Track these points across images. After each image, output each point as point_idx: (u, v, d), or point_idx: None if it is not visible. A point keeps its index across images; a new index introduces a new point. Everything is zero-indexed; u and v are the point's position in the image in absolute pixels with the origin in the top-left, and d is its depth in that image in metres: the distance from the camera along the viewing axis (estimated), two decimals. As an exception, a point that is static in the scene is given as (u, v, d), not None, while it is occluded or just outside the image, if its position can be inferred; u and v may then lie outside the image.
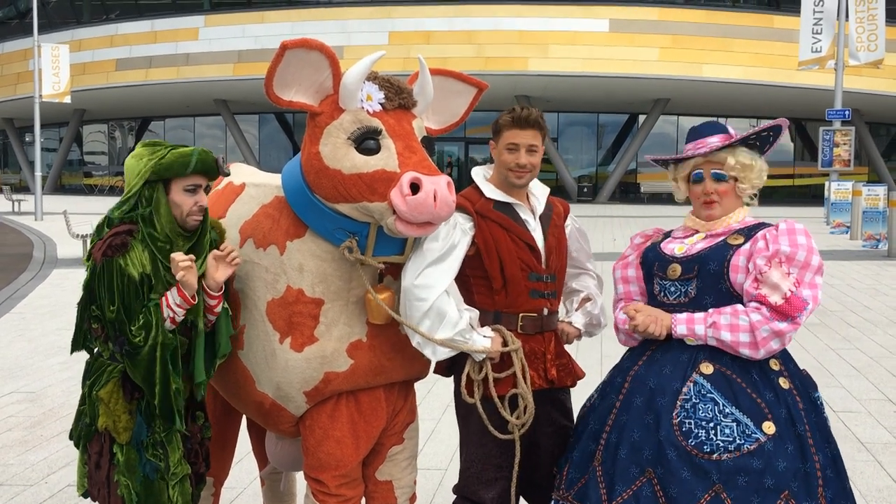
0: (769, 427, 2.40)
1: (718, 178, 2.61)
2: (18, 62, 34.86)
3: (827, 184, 20.67)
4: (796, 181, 35.26)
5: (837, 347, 7.27)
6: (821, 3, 20.75)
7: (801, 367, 2.64)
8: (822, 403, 2.60)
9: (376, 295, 2.62)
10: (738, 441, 2.39)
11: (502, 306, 2.74)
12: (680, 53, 27.27)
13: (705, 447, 2.39)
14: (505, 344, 2.70)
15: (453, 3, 28.61)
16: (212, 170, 2.61)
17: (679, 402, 2.46)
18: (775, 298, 2.42)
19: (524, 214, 2.82)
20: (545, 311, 2.80)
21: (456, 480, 2.89)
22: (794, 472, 2.37)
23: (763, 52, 27.03)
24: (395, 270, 2.73)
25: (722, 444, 2.39)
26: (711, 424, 2.41)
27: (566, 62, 27.47)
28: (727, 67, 27.12)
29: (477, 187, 2.84)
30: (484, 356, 2.67)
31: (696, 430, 2.42)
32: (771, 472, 2.36)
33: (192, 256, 2.53)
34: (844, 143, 20.38)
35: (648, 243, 2.78)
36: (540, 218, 2.87)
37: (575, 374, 2.91)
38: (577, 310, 2.99)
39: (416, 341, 2.66)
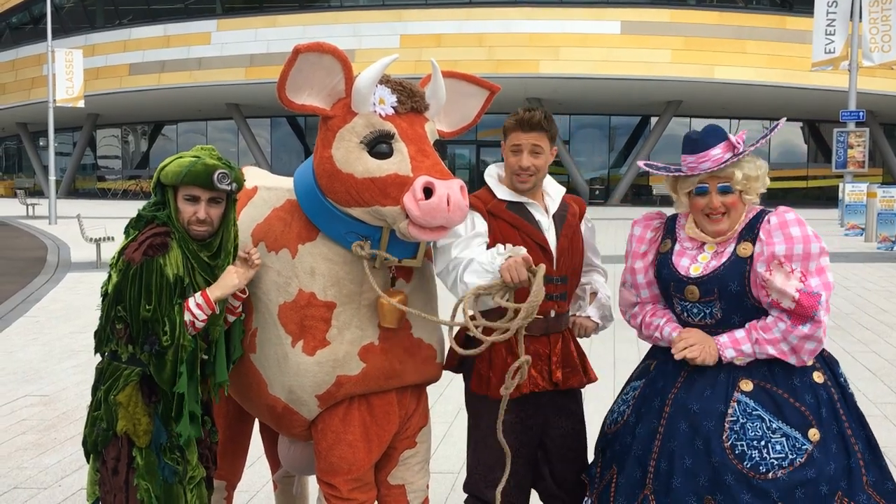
0: (814, 434, 2.41)
1: (725, 191, 2.52)
2: (32, 67, 35.13)
3: (841, 185, 20.57)
4: (810, 183, 35.06)
5: (853, 350, 7.21)
6: (834, 4, 20.63)
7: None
8: (846, 380, 2.59)
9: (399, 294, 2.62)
10: (790, 456, 2.39)
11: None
12: (692, 55, 27.15)
13: (761, 467, 2.38)
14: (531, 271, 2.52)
15: (464, 6, 28.64)
16: (204, 183, 2.53)
17: (727, 425, 2.44)
18: (787, 303, 2.39)
19: (538, 214, 2.80)
20: (552, 314, 2.78)
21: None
22: (843, 471, 2.40)
23: (776, 53, 26.87)
24: (407, 274, 2.73)
25: (776, 462, 2.38)
26: (762, 443, 2.40)
27: (577, 64, 27.40)
28: (740, 69, 26.97)
29: (489, 188, 2.85)
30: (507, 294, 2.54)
31: (749, 452, 2.40)
32: (824, 478, 2.37)
33: (257, 255, 2.62)
34: (859, 145, 20.25)
35: (657, 252, 2.70)
36: (554, 217, 2.84)
37: (584, 375, 2.87)
38: (590, 304, 2.95)
39: (451, 280, 2.63)
